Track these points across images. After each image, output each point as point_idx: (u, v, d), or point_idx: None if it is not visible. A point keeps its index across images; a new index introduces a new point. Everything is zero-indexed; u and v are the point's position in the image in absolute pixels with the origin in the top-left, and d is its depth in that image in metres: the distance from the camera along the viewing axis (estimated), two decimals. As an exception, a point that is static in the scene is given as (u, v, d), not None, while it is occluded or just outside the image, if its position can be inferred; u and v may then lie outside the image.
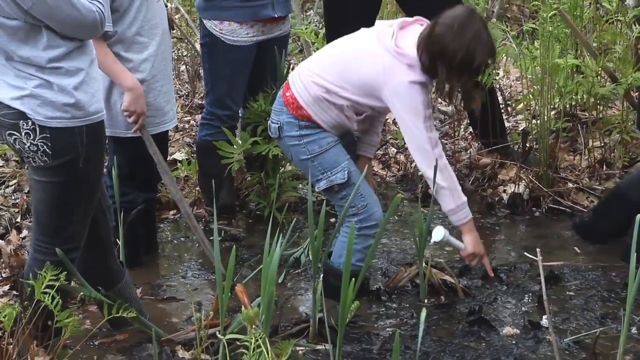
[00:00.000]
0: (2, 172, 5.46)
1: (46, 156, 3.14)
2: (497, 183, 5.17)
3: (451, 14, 3.61)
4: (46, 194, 3.24)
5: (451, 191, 3.74)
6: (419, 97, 3.63)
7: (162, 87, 4.13)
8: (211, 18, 4.59)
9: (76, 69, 3.13)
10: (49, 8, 3.00)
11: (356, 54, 3.76)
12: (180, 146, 5.92)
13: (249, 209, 5.03)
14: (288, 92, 3.83)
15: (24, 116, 3.10)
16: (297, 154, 3.86)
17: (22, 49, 3.06)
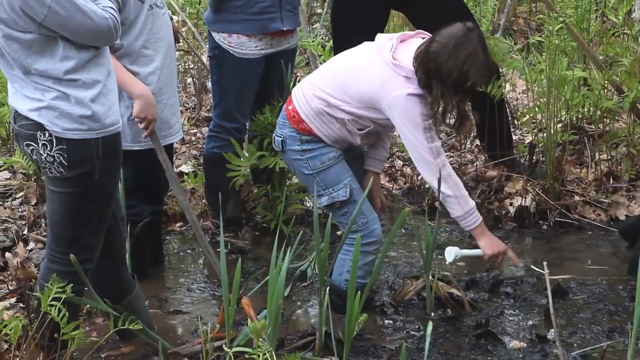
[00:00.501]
0: (9, 184, 5.47)
1: (62, 167, 3.17)
2: (504, 196, 5.16)
3: (448, 31, 3.60)
4: (62, 204, 3.26)
5: (457, 198, 3.73)
6: (417, 109, 3.62)
7: (168, 100, 4.14)
8: (220, 31, 4.60)
9: (93, 81, 3.15)
10: (61, 19, 3.02)
11: (356, 67, 3.76)
12: (187, 158, 5.93)
13: (255, 221, 5.03)
14: (290, 105, 3.83)
15: (42, 127, 3.13)
16: (300, 169, 3.85)
17: (39, 61, 3.08)
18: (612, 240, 4.72)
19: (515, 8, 8.06)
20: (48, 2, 2.98)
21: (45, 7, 2.98)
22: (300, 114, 3.77)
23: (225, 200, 4.69)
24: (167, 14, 4.16)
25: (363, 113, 3.73)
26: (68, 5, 3.01)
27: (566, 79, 4.92)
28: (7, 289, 4.28)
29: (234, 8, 4.53)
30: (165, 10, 4.16)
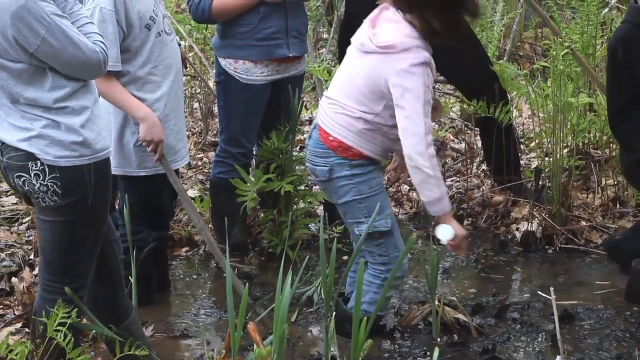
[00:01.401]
0: (16, 209, 5.48)
1: (56, 196, 3.14)
2: (510, 221, 5.16)
3: None
4: (54, 233, 3.23)
5: (437, 179, 3.62)
6: (420, 80, 3.55)
7: (174, 126, 4.14)
8: (226, 56, 4.62)
9: (82, 107, 3.14)
10: (54, 50, 3.01)
11: (352, 70, 3.73)
12: (193, 183, 5.94)
13: (261, 246, 5.03)
14: (330, 136, 3.75)
15: (33, 157, 3.11)
16: (345, 195, 3.78)
17: (27, 90, 3.07)
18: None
19: (521, 33, 8.08)
20: (42, 33, 2.97)
21: (39, 37, 2.98)
22: (345, 142, 3.71)
23: (231, 225, 4.69)
24: (175, 41, 4.18)
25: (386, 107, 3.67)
26: (61, 36, 3.00)
27: (572, 104, 4.92)
28: (13, 314, 4.28)
29: (240, 34, 4.55)
30: (174, 37, 4.18)
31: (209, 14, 4.49)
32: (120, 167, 4.06)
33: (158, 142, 4.00)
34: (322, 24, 8.27)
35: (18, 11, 2.94)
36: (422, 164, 3.58)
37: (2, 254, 4.87)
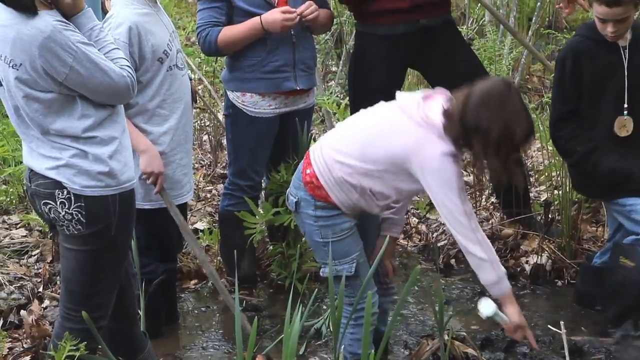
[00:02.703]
0: (25, 241, 5.49)
1: (80, 224, 3.19)
2: (520, 254, 5.14)
3: (488, 86, 3.47)
4: (77, 262, 3.27)
5: (492, 263, 3.53)
6: (452, 169, 3.45)
7: (180, 160, 4.15)
8: (234, 89, 4.64)
9: (110, 138, 3.20)
10: (82, 78, 3.07)
11: (380, 128, 3.61)
12: (202, 215, 5.94)
13: (270, 278, 5.03)
14: (309, 169, 3.69)
15: (60, 185, 3.16)
16: (311, 234, 3.74)
17: (57, 121, 3.12)
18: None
19: (529, 66, 8.10)
20: (70, 62, 3.03)
21: (67, 66, 3.03)
22: (320, 180, 3.63)
23: (240, 257, 4.69)
24: (186, 76, 4.20)
25: (388, 180, 3.59)
26: (88, 64, 3.06)
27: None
28: (21, 347, 4.27)
29: (248, 67, 4.57)
30: (186, 71, 4.20)
31: (215, 46, 4.52)
32: None
33: (158, 174, 4.01)
34: (331, 57, 8.31)
35: (45, 42, 3.00)
36: (473, 248, 3.51)
37: (12, 286, 4.87)
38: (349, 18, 7.29)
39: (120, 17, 3.90)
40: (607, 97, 4.19)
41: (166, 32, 4.04)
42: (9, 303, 4.69)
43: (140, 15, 3.94)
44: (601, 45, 4.16)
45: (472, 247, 3.50)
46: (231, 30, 4.49)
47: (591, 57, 4.19)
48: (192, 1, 10.39)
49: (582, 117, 4.26)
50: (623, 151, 4.18)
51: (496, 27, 7.32)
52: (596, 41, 4.18)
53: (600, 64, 4.18)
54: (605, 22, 4.07)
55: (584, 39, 4.24)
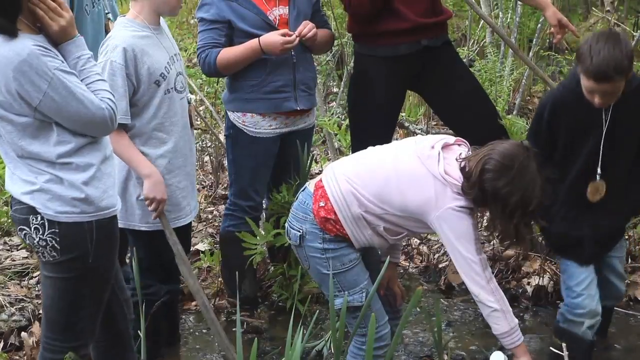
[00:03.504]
0: (26, 263, 5.48)
1: (55, 251, 3.15)
2: (521, 275, 5.14)
3: (507, 151, 3.49)
4: (55, 289, 3.23)
5: (504, 313, 3.55)
6: (468, 221, 3.49)
7: (179, 183, 4.13)
8: (234, 110, 4.65)
9: (87, 164, 3.15)
10: (56, 105, 3.03)
11: (399, 175, 3.60)
12: (203, 237, 5.94)
13: (271, 300, 5.02)
14: (322, 201, 3.67)
15: (34, 211, 3.13)
16: (317, 267, 3.72)
17: (32, 145, 3.09)
18: (632, 321, 4.67)
19: (530, 87, 8.11)
20: (44, 88, 2.99)
21: (41, 92, 2.99)
22: (338, 215, 3.63)
23: (242, 279, 4.69)
24: (185, 99, 4.19)
25: (401, 222, 3.62)
26: (64, 92, 3.02)
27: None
28: (22, 369, 4.27)
29: (248, 87, 4.59)
30: (185, 94, 4.19)
31: (214, 67, 4.53)
32: (124, 220, 4.05)
33: (160, 200, 3.99)
34: (332, 78, 8.32)
35: (20, 65, 2.96)
36: (486, 298, 3.54)
37: (12, 308, 4.85)
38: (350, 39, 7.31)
39: (117, 39, 3.91)
40: (581, 156, 3.88)
41: (165, 55, 4.04)
42: (9, 325, 4.68)
43: (138, 38, 3.95)
44: (583, 100, 3.77)
45: (485, 296, 3.53)
46: (230, 51, 4.50)
47: (570, 112, 3.84)
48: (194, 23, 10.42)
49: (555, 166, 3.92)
50: (586, 211, 3.92)
51: (497, 49, 7.33)
52: (579, 96, 3.79)
53: (578, 122, 3.83)
54: (591, 93, 3.70)
55: (567, 92, 3.89)
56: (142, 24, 3.99)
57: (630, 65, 3.64)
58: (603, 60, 3.56)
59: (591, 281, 3.95)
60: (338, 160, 3.89)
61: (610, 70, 3.56)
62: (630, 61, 3.64)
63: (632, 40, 6.88)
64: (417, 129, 6.87)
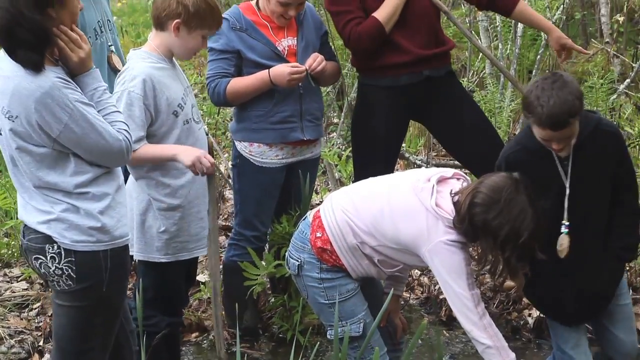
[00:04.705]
0: (26, 294, 5.47)
1: (70, 280, 3.16)
2: (522, 306, 5.12)
3: (495, 184, 3.47)
4: (69, 318, 3.24)
5: (498, 349, 3.52)
6: (460, 255, 3.48)
7: (197, 213, 4.13)
8: (241, 140, 4.67)
9: (103, 194, 3.18)
10: (76, 136, 3.06)
11: (392, 206, 3.61)
12: (204, 267, 5.92)
13: (272, 331, 5.00)
14: (319, 232, 3.69)
15: (50, 240, 3.14)
16: (315, 296, 3.73)
17: (49, 175, 3.12)
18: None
19: (529, 118, 8.12)
20: (65, 119, 3.03)
21: (62, 123, 3.03)
22: (334, 245, 3.65)
23: (243, 309, 4.67)
24: (202, 129, 4.22)
25: (395, 255, 3.62)
26: (84, 123, 3.06)
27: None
28: (21, 401, 4.25)
29: (255, 117, 4.61)
30: (202, 125, 4.22)
31: (224, 97, 4.56)
32: (142, 252, 4.05)
33: (200, 157, 3.92)
34: (332, 109, 8.33)
35: (42, 97, 3.00)
36: (479, 335, 3.52)
37: (12, 340, 4.84)
38: (351, 70, 7.34)
39: (135, 70, 3.93)
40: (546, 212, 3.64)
41: (180, 87, 4.07)
42: (9, 357, 4.67)
43: (156, 69, 3.97)
44: (538, 155, 3.67)
45: (478, 333, 3.51)
46: (239, 82, 4.53)
47: (526, 169, 3.64)
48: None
49: None
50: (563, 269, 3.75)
51: (496, 80, 7.35)
52: (532, 151, 3.68)
53: (535, 176, 3.62)
54: (549, 141, 3.57)
55: (519, 149, 3.76)
56: (159, 56, 4.02)
57: (581, 104, 3.52)
58: (554, 106, 3.43)
59: (578, 340, 3.84)
60: (338, 191, 3.91)
61: (565, 116, 3.45)
62: (581, 100, 3.52)
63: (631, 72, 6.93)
64: (418, 160, 6.88)
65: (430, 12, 4.64)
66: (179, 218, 4.05)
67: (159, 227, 4.03)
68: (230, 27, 4.53)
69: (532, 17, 4.80)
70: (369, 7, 4.55)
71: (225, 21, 4.46)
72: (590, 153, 3.67)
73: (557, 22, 6.98)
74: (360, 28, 4.50)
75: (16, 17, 2.97)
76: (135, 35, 12.77)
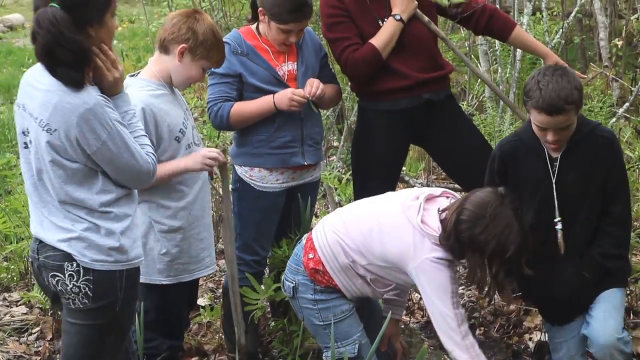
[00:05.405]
0: (25, 319, 5.46)
1: (86, 298, 3.20)
2: (523, 330, 5.10)
3: (480, 199, 3.51)
4: (81, 337, 3.27)
5: None
6: (446, 273, 3.50)
7: (198, 235, 4.15)
8: (242, 164, 4.68)
9: (124, 215, 3.24)
10: (111, 154, 3.13)
11: (381, 224, 3.65)
12: (204, 291, 5.91)
13: (272, 355, 4.98)
14: (312, 253, 3.72)
15: (70, 258, 3.19)
16: (310, 318, 3.76)
17: (77, 191, 3.17)
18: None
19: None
20: (103, 137, 3.09)
21: (100, 141, 3.09)
22: (326, 266, 3.68)
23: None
24: None
25: (385, 274, 3.64)
26: (120, 143, 3.13)
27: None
28: None
29: (256, 142, 4.62)
30: (202, 147, 4.24)
31: (227, 121, 4.56)
32: (144, 274, 4.03)
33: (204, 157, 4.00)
34: (332, 132, 8.34)
35: (85, 113, 3.07)
36: (460, 355, 3.52)
37: (11, 364, 4.84)
38: (351, 94, 7.36)
39: (134, 100, 3.93)
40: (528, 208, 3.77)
41: (180, 111, 4.09)
42: (8, 381, 4.65)
43: (155, 97, 3.99)
44: (530, 151, 3.81)
45: (460, 353, 3.51)
46: (243, 106, 4.55)
47: (517, 162, 3.84)
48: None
49: None
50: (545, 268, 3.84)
51: (496, 103, 7.37)
52: (527, 146, 3.83)
53: (525, 172, 3.84)
54: (545, 130, 3.68)
55: (516, 140, 3.90)
56: (157, 82, 4.05)
57: (580, 97, 3.61)
58: (553, 91, 3.54)
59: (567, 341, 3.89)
60: (331, 213, 3.92)
61: (561, 101, 3.54)
62: (580, 92, 3.61)
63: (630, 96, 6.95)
64: (418, 183, 6.88)
65: (428, 37, 4.66)
66: (180, 240, 4.06)
67: (161, 249, 4.04)
68: (232, 52, 4.54)
69: (529, 42, 4.84)
70: (366, 34, 4.58)
71: (227, 45, 4.47)
72: (582, 154, 3.75)
73: (556, 46, 7.01)
74: (357, 54, 4.53)
75: (57, 37, 3.03)
76: (136, 59, 12.81)
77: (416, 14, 4.61)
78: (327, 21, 4.67)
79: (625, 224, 3.85)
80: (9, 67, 14.62)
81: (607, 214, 3.82)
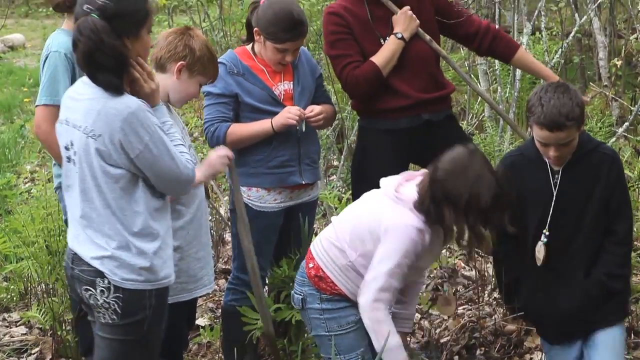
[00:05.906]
0: (25, 339, 5.45)
1: (115, 314, 3.27)
2: (524, 351, 5.08)
3: (450, 156, 3.59)
4: (112, 352, 3.34)
5: (376, 333, 3.59)
6: (410, 242, 3.55)
7: (196, 254, 4.14)
8: (240, 184, 4.67)
9: (156, 234, 3.30)
10: (153, 158, 3.21)
11: (364, 208, 3.77)
12: (203, 311, 5.90)
13: (271, 376, 4.97)
14: (311, 263, 3.77)
15: (102, 274, 3.26)
16: (316, 328, 3.77)
17: (118, 200, 3.24)
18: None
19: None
20: (146, 140, 3.18)
21: (143, 143, 3.19)
22: (326, 272, 3.71)
23: (242, 354, 4.64)
24: None
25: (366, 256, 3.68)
26: (161, 147, 3.22)
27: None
28: None
29: (254, 162, 4.62)
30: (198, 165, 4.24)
31: (223, 141, 4.56)
32: None
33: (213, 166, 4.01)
34: (332, 152, 8.36)
35: (129, 117, 3.17)
36: (362, 312, 3.62)
37: (10, 385, 4.82)
38: (351, 113, 7.37)
39: None
40: (532, 221, 3.90)
41: (178, 130, 4.09)
42: (7, 402, 4.64)
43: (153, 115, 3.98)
44: (532, 165, 3.87)
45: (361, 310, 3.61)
46: (241, 128, 4.56)
47: (520, 175, 3.87)
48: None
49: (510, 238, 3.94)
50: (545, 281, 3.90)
51: (496, 123, 7.39)
52: (529, 160, 3.89)
53: (527, 185, 3.87)
54: (546, 146, 3.74)
55: (518, 155, 3.98)
56: None
57: (581, 114, 3.67)
58: (554, 107, 3.60)
59: None
60: None
61: (562, 118, 3.60)
62: (582, 109, 3.67)
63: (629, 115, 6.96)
64: (418, 203, 6.87)
65: (429, 56, 4.68)
66: (178, 259, 4.05)
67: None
68: (228, 72, 4.55)
69: (532, 64, 4.86)
70: (367, 52, 4.59)
71: (223, 66, 4.48)
72: (583, 169, 3.80)
73: (556, 65, 7.03)
74: (358, 72, 4.54)
75: (97, 43, 3.16)
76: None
77: (418, 33, 4.63)
78: (329, 38, 4.69)
79: (628, 242, 3.92)
80: (9, 86, 14.64)
81: (612, 233, 3.86)
